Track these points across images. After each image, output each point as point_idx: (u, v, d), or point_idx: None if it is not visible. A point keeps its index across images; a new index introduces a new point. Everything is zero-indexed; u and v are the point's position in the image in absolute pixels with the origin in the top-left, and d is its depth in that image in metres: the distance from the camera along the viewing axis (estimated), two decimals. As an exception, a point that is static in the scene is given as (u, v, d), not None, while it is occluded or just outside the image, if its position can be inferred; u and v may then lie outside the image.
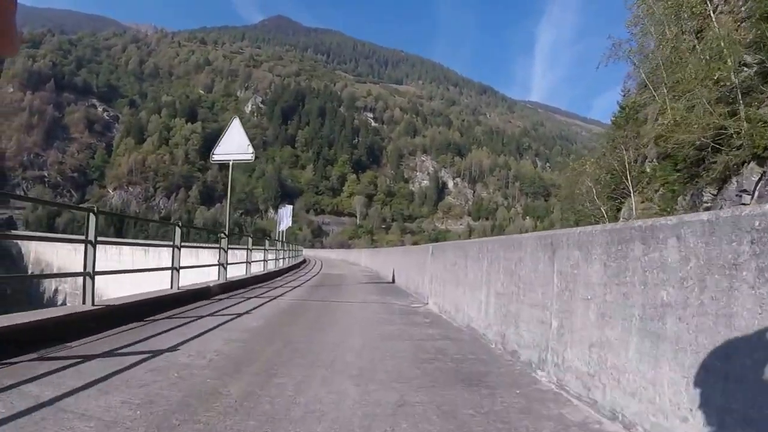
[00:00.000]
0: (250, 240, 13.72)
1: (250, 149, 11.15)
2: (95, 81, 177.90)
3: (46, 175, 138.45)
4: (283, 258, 20.84)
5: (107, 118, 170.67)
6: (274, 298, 8.63)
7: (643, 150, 26.20)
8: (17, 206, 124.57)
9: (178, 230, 7.66)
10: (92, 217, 5.11)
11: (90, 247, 5.12)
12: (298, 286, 11.94)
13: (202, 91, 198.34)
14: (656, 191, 24.36)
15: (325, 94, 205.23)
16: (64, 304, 72.99)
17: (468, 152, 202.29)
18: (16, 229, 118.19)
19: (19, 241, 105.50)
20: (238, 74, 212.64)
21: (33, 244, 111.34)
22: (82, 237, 5.10)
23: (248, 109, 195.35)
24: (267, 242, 18.15)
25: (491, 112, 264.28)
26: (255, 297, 8.68)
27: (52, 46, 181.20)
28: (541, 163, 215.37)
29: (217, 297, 8.32)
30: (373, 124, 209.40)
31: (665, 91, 23.20)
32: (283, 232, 37.22)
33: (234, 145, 10.96)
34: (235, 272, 11.63)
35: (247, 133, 11.47)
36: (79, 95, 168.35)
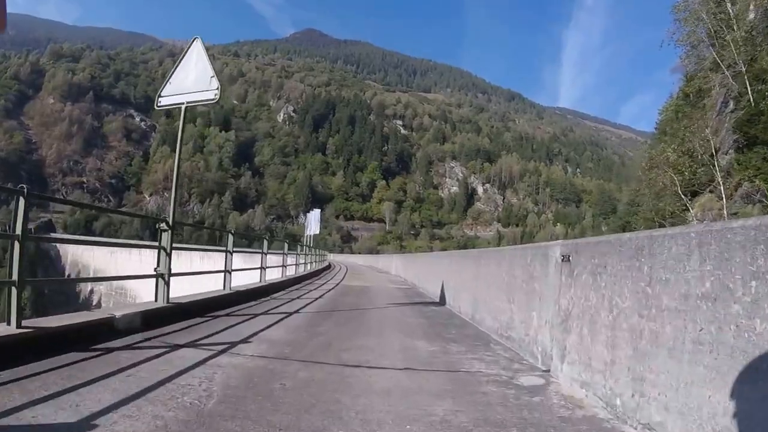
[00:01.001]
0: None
1: (214, 83, 6.34)
2: (133, 92, 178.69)
3: (84, 181, 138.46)
4: (304, 263, 18.31)
5: (144, 127, 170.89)
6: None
7: (713, 140, 21.11)
8: (56, 210, 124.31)
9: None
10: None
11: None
12: (298, 311, 7.49)
13: (236, 101, 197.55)
14: (737, 186, 19.66)
15: (354, 103, 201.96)
16: (99, 304, 71.28)
17: (497, 158, 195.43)
18: (54, 232, 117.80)
19: (56, 244, 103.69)
20: (270, 85, 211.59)
21: (70, 246, 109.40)
22: (156, 244, 5.93)
23: (281, 117, 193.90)
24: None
25: (520, 119, 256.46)
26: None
27: (91, 60, 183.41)
28: (572, 169, 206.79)
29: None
30: (402, 131, 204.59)
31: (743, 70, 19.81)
32: (311, 237, 33.31)
33: (190, 79, 6.46)
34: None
35: (211, 60, 6.42)
36: (117, 106, 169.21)
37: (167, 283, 5.67)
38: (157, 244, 5.85)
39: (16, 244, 3.77)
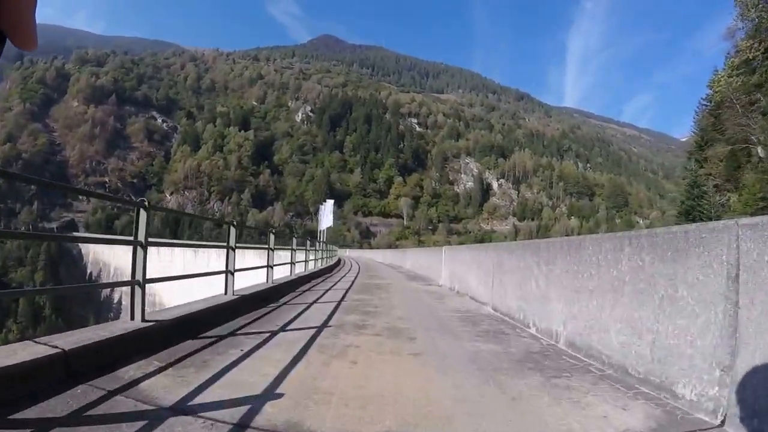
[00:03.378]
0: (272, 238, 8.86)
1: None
2: (155, 95, 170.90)
3: (107, 180, 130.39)
4: (305, 260, 13.34)
5: (166, 128, 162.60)
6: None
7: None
8: (79, 210, 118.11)
9: (233, 230, 6.14)
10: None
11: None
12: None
13: (255, 103, 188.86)
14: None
15: (370, 102, 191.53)
16: (120, 301, 70.63)
17: (510, 154, 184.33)
18: (77, 231, 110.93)
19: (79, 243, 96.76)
20: (288, 87, 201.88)
21: (91, 245, 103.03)
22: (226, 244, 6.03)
23: (299, 117, 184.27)
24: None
25: (529, 117, 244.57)
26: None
27: (115, 65, 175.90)
28: (582, 164, 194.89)
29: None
30: (418, 129, 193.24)
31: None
32: (323, 231, 27.59)
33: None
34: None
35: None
36: (139, 108, 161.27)
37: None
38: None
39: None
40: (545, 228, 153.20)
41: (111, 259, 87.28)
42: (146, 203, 3.85)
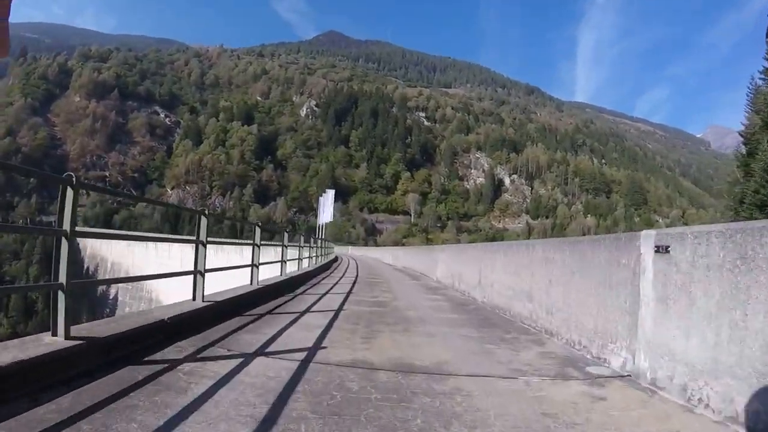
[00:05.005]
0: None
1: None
2: (158, 90, 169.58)
3: (107, 175, 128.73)
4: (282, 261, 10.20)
5: (169, 123, 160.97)
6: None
7: None
8: (79, 204, 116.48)
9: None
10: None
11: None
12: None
13: (259, 98, 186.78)
14: None
15: (377, 96, 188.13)
16: (116, 297, 70.12)
17: (523, 148, 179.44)
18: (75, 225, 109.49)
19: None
20: (293, 82, 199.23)
21: (89, 239, 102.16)
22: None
23: (303, 112, 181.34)
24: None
25: (541, 111, 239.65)
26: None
27: (118, 61, 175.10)
28: (597, 160, 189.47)
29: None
30: (426, 123, 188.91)
31: None
32: (323, 226, 25.96)
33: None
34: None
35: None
36: (142, 103, 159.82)
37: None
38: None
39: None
40: (560, 227, 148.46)
41: (108, 254, 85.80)
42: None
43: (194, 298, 4.97)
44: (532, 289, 5.50)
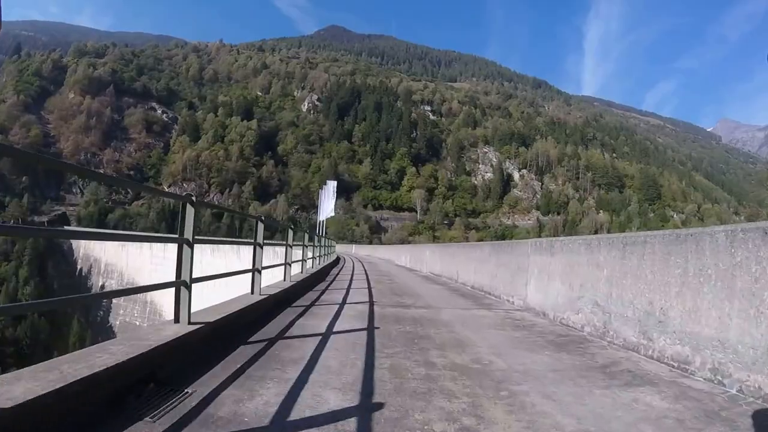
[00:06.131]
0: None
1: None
2: (155, 86, 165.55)
3: (102, 172, 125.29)
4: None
5: (166, 119, 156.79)
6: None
7: None
8: (71, 203, 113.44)
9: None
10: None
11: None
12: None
13: (259, 93, 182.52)
14: None
15: (380, 90, 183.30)
16: (110, 300, 68.36)
17: (532, 142, 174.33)
18: (68, 225, 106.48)
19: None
20: (294, 76, 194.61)
21: (81, 240, 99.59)
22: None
23: (305, 107, 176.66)
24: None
25: (549, 105, 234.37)
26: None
27: (114, 56, 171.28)
28: (608, 154, 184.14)
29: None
30: (431, 117, 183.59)
31: None
32: (323, 222, 23.00)
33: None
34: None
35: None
36: (139, 99, 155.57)
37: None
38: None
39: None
40: (572, 223, 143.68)
41: (101, 255, 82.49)
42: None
43: (177, 320, 3.66)
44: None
